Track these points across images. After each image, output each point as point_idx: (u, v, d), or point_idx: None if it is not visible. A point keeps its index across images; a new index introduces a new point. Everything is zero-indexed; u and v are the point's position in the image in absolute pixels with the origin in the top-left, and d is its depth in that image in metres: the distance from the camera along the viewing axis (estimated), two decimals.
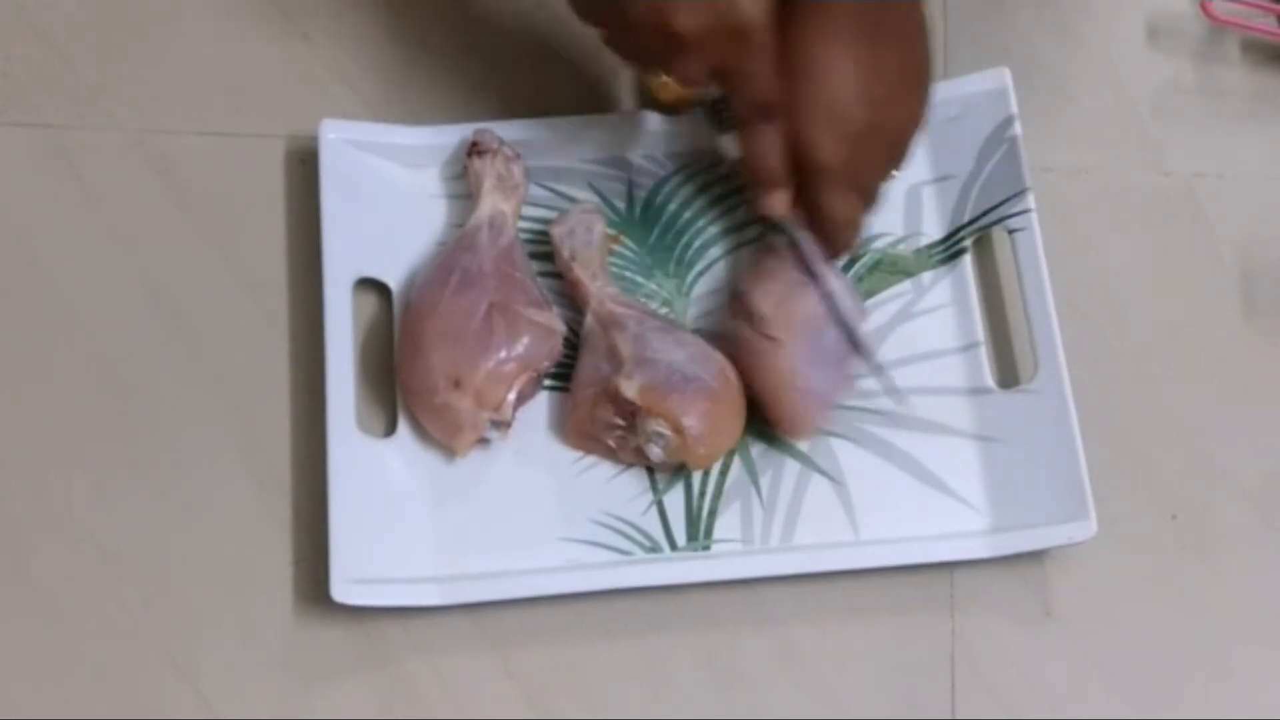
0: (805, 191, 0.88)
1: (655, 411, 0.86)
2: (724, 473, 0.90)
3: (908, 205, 0.97)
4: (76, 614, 0.86)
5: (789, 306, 0.88)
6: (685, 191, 0.96)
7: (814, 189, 0.87)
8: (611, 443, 0.89)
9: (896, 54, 0.87)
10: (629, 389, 0.86)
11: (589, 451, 0.90)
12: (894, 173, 0.90)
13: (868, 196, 0.89)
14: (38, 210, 0.95)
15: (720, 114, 0.89)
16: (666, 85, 0.87)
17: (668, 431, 0.86)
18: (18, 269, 0.93)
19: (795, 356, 0.88)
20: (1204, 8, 0.99)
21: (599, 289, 0.90)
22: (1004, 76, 0.96)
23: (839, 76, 0.85)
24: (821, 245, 0.89)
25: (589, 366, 0.89)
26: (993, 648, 0.88)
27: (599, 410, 0.88)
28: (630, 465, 0.90)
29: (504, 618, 0.87)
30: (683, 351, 0.88)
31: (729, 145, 0.89)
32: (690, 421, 0.86)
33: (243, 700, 0.85)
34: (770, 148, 0.85)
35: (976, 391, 0.92)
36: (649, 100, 0.87)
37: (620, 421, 0.87)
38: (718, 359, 0.89)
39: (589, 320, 0.90)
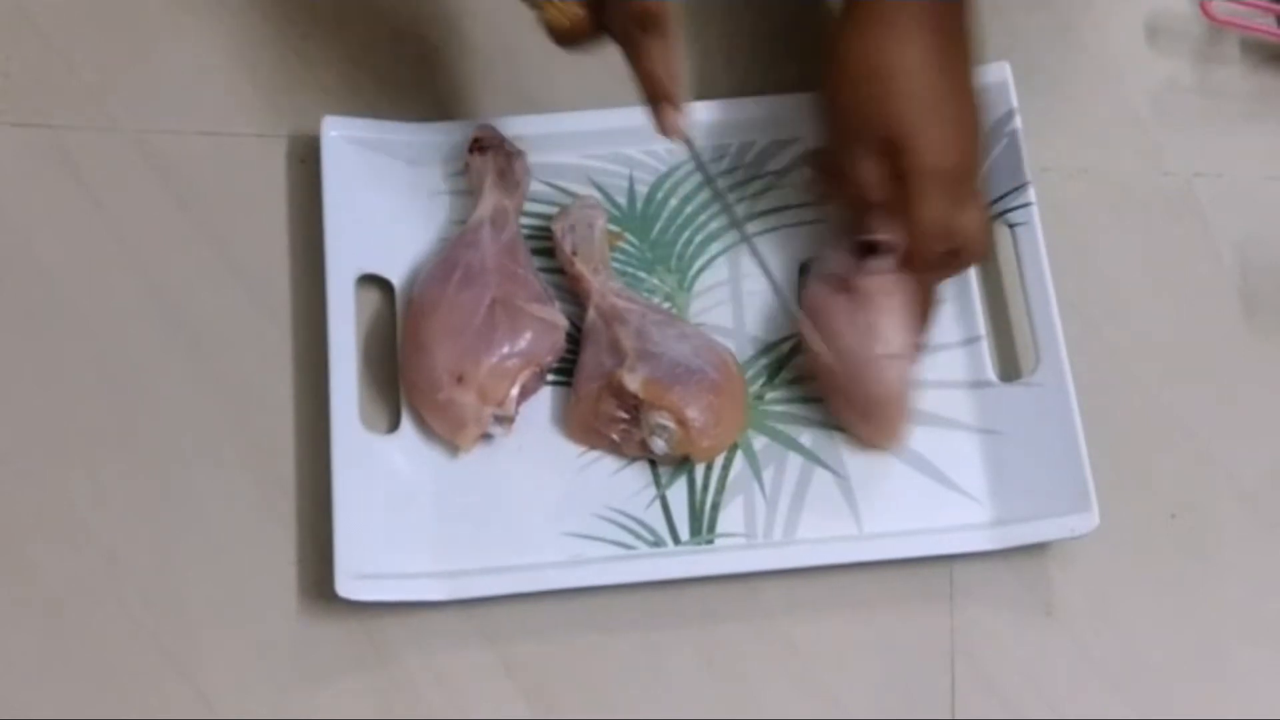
0: (910, 206, 0.85)
1: (658, 404, 0.86)
2: (727, 467, 0.90)
3: None
4: (77, 614, 0.86)
5: (904, 323, 0.89)
6: (686, 187, 0.96)
7: (927, 197, 0.85)
8: (615, 436, 0.89)
9: (962, 54, 0.87)
10: (632, 382, 0.86)
11: (593, 446, 0.90)
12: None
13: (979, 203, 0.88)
14: (38, 210, 0.95)
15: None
16: (554, 9, 0.83)
17: (671, 424, 0.86)
18: (18, 269, 0.93)
19: (911, 372, 0.89)
20: (1204, 8, 0.99)
21: (601, 283, 0.91)
22: (1004, 70, 0.96)
23: (928, 80, 0.85)
24: (921, 258, 0.87)
25: (591, 361, 0.89)
26: (992, 646, 0.88)
27: (602, 404, 0.88)
28: (634, 459, 0.90)
29: (505, 615, 0.87)
30: (685, 344, 0.88)
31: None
32: (693, 413, 0.86)
33: (243, 699, 0.85)
34: (659, 60, 0.81)
35: (978, 385, 0.92)
36: (551, 33, 0.84)
37: (624, 415, 0.88)
38: (720, 351, 0.90)
39: (591, 314, 0.90)
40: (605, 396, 0.88)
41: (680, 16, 0.81)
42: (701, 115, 0.95)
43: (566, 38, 0.83)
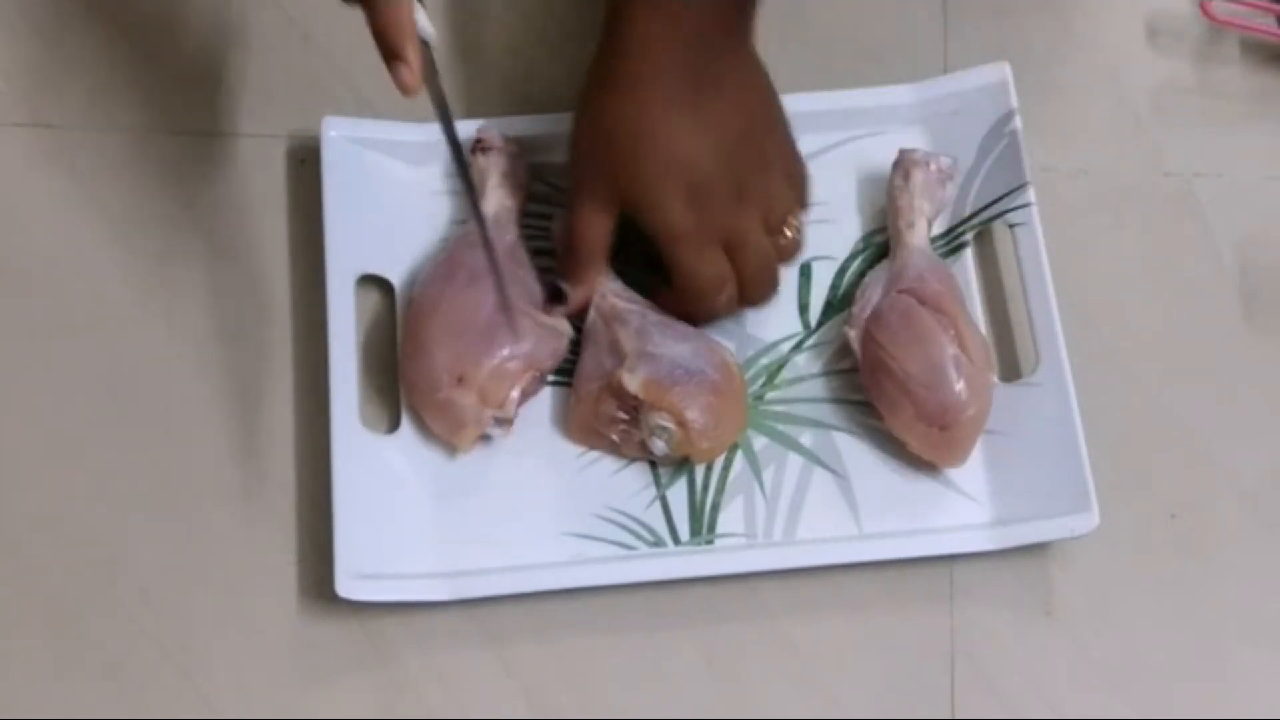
0: (666, 260, 0.88)
1: (658, 405, 0.86)
2: (727, 467, 0.90)
3: None
4: (77, 614, 0.86)
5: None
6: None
7: (671, 252, 0.87)
8: (615, 437, 0.88)
9: (725, 97, 0.87)
10: (632, 383, 0.86)
11: (593, 446, 0.90)
12: (790, 239, 0.91)
13: (741, 255, 0.89)
14: (38, 210, 0.95)
15: None
16: None
17: (671, 425, 0.86)
18: (18, 269, 0.93)
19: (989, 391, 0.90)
20: (1204, 8, 0.99)
21: (600, 284, 0.90)
22: (1004, 71, 0.96)
23: (670, 135, 0.86)
24: (691, 309, 0.90)
25: (592, 361, 0.89)
26: (992, 646, 0.88)
27: (602, 405, 0.88)
28: (633, 459, 0.90)
29: (505, 615, 0.86)
30: (685, 345, 0.88)
31: None
32: (693, 415, 0.86)
33: (243, 699, 0.85)
34: (389, 17, 0.79)
35: None
36: None
37: (623, 416, 0.87)
38: (720, 352, 0.89)
39: (591, 315, 0.90)
40: (605, 397, 0.87)
41: None
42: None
43: None
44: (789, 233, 0.91)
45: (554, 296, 0.90)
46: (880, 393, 0.89)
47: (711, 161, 0.86)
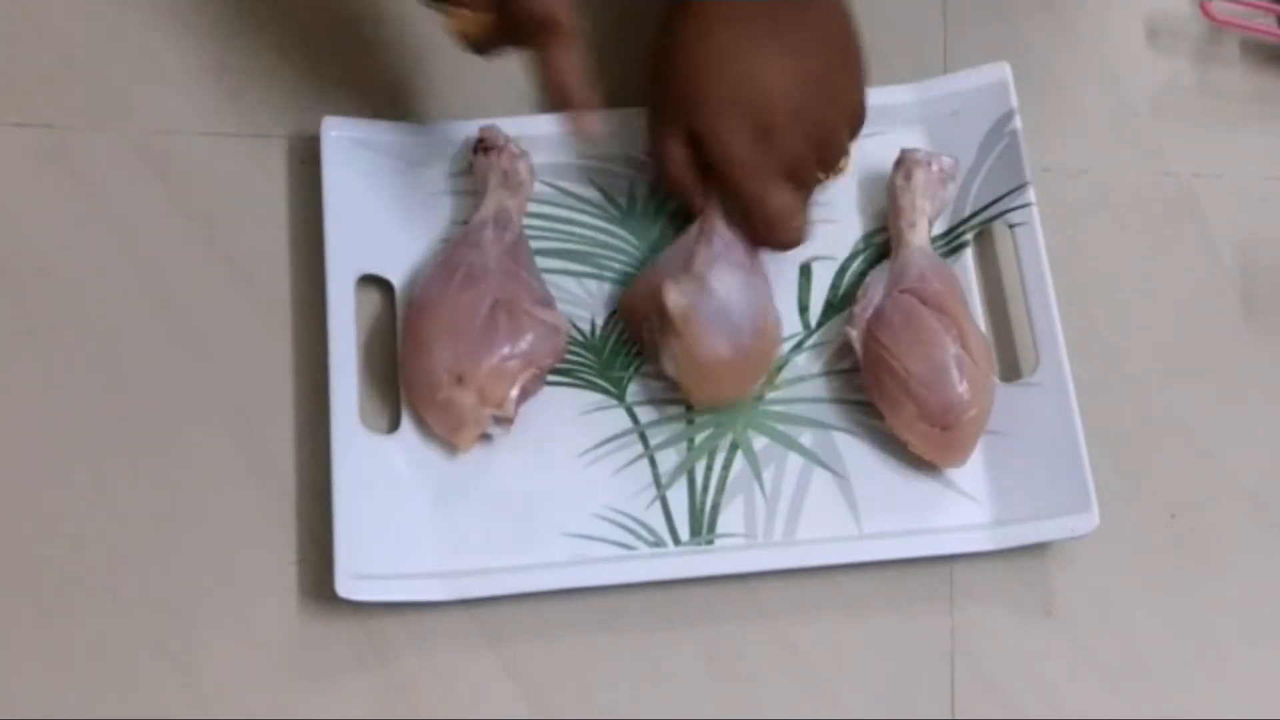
0: (732, 190, 0.89)
1: (681, 334, 0.87)
2: (727, 467, 0.90)
3: None
4: (76, 613, 0.86)
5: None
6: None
7: (739, 185, 0.88)
8: (643, 329, 0.90)
9: (805, 32, 0.88)
10: (672, 301, 0.87)
11: (630, 324, 0.92)
12: (839, 168, 0.92)
13: (802, 188, 0.90)
14: (38, 210, 0.95)
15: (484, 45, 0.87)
16: (462, 16, 0.83)
17: (681, 355, 0.87)
18: (18, 269, 0.93)
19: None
20: (1204, 8, 0.99)
21: (714, 203, 0.91)
22: (1004, 71, 0.96)
23: (741, 65, 0.87)
24: (763, 240, 0.91)
25: (674, 255, 0.90)
26: (992, 646, 0.88)
27: (648, 300, 0.89)
28: (652, 373, 0.91)
29: (505, 615, 0.86)
30: (744, 296, 0.89)
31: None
32: (703, 360, 0.87)
33: (243, 699, 0.85)
34: (564, 67, 0.82)
35: None
36: (460, 41, 0.84)
37: (657, 320, 0.88)
38: (768, 318, 0.90)
39: (700, 222, 0.91)
40: (652, 296, 0.89)
41: (582, 22, 0.82)
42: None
43: (475, 45, 0.85)
44: (839, 170, 0.92)
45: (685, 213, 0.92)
46: (882, 392, 0.89)
47: (782, 96, 0.87)
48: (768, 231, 0.90)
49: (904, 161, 0.93)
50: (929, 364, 0.88)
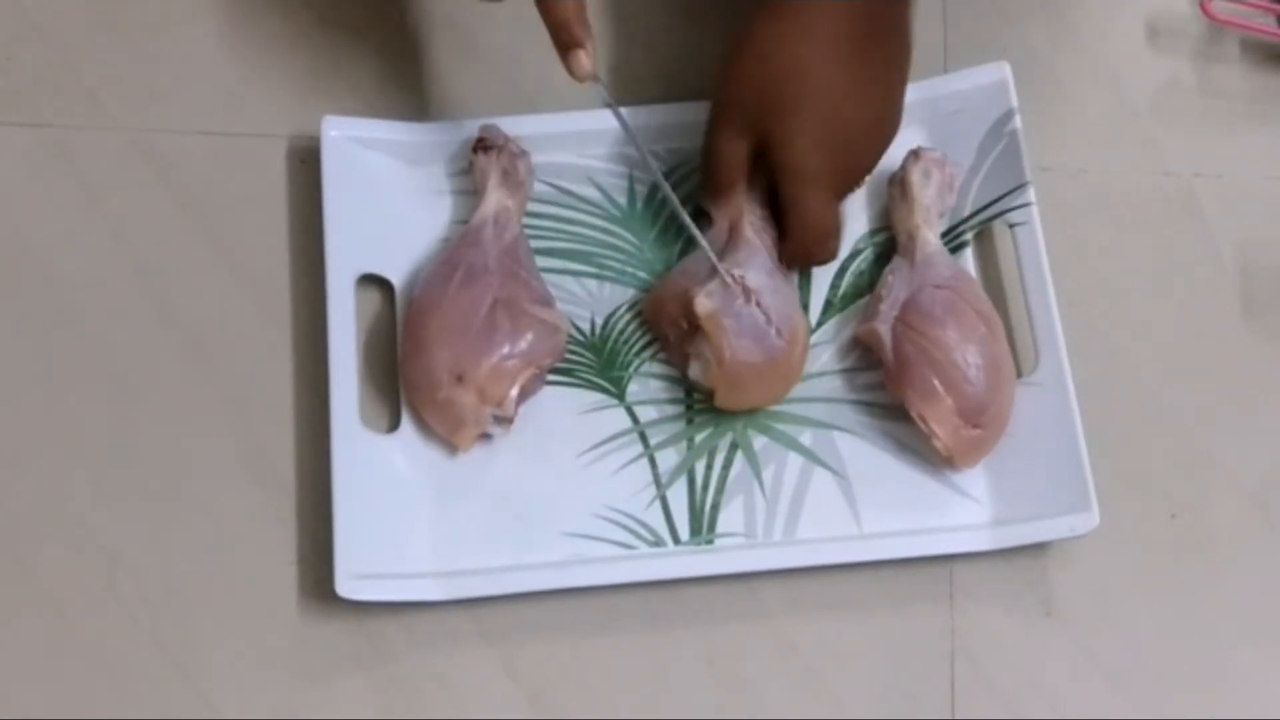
0: (785, 199, 0.89)
1: (711, 338, 0.87)
2: (727, 467, 0.90)
3: None
4: (77, 614, 0.86)
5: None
6: (686, 187, 0.96)
7: (797, 195, 0.89)
8: (669, 333, 0.90)
9: (880, 55, 0.89)
10: (702, 306, 0.87)
11: (653, 325, 0.92)
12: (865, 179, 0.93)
13: (842, 200, 0.91)
14: (38, 210, 0.95)
15: None
16: None
17: (712, 361, 0.87)
18: (18, 269, 0.93)
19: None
20: (1204, 8, 0.99)
21: (749, 207, 0.91)
22: (1004, 70, 0.96)
23: (825, 79, 0.87)
24: (801, 251, 0.91)
25: (700, 261, 0.90)
26: (992, 646, 0.88)
27: (676, 304, 0.89)
28: (674, 374, 0.92)
29: (505, 615, 0.87)
30: (773, 300, 0.89)
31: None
32: (732, 366, 0.87)
33: (243, 699, 0.85)
34: (567, 7, 0.83)
35: None
36: None
37: (684, 324, 0.88)
38: (798, 324, 0.90)
39: (731, 222, 0.91)
40: (681, 300, 0.89)
41: None
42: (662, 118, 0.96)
43: None
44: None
45: (701, 213, 0.92)
46: (917, 386, 0.88)
47: (857, 119, 0.88)
48: (812, 243, 0.90)
49: (922, 159, 0.93)
50: (979, 360, 0.88)
